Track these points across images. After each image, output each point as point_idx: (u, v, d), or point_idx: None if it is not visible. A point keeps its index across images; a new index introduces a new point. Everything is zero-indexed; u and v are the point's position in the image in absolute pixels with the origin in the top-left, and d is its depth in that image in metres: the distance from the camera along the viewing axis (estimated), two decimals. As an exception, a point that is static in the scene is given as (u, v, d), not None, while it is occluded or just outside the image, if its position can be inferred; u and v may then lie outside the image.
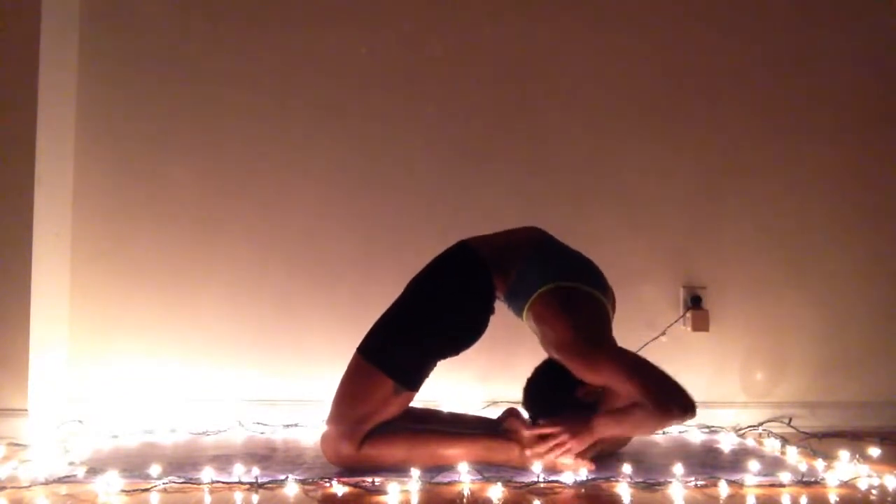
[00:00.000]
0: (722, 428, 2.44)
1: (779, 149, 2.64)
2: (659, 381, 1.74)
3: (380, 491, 1.71)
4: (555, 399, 1.90)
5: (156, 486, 1.73)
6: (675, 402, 1.71)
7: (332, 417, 1.86)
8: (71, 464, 1.89)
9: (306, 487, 1.74)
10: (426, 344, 1.90)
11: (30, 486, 1.72)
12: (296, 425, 2.38)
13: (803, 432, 2.46)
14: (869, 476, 1.88)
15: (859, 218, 2.65)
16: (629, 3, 2.63)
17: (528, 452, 1.86)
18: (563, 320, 1.84)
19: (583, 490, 1.75)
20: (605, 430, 1.82)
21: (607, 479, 1.80)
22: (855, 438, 2.38)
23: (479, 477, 1.79)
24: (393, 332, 1.91)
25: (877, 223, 2.65)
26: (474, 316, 1.94)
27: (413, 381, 1.87)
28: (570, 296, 1.89)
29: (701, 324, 2.53)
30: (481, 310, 1.95)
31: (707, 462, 2.03)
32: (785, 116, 2.65)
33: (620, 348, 1.83)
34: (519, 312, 1.96)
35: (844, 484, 1.84)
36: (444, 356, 1.93)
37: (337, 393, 1.88)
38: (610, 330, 1.92)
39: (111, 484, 1.71)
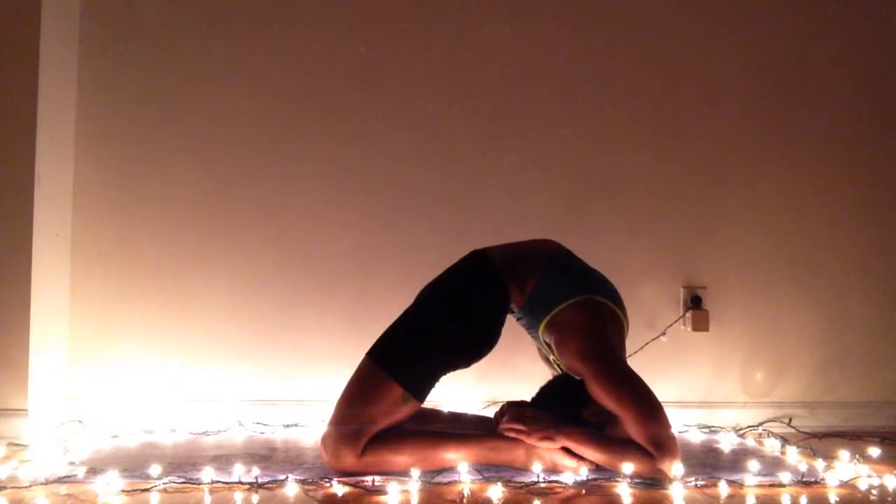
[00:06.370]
0: (722, 428, 2.45)
1: (779, 149, 2.64)
2: (666, 434, 1.74)
3: (380, 491, 1.71)
4: (560, 409, 1.89)
5: (156, 486, 1.72)
6: (669, 460, 1.73)
7: (336, 419, 1.84)
8: (71, 464, 1.89)
9: (306, 487, 1.74)
10: (440, 355, 1.89)
11: (30, 486, 1.71)
12: (296, 425, 2.38)
13: (803, 432, 2.46)
14: (869, 476, 1.88)
15: (859, 218, 2.64)
16: (630, 3, 2.63)
17: (501, 427, 1.87)
18: (593, 331, 1.85)
19: (583, 490, 1.75)
20: (573, 442, 1.81)
21: (607, 479, 1.80)
22: (855, 438, 2.38)
23: (479, 477, 1.79)
24: (408, 341, 1.90)
25: (877, 223, 2.65)
26: (490, 328, 1.93)
27: (423, 390, 1.86)
28: (601, 309, 1.90)
29: (701, 324, 2.53)
30: (497, 321, 1.95)
31: (707, 462, 2.03)
32: (785, 116, 2.64)
33: (644, 383, 1.81)
34: (535, 323, 1.94)
35: (844, 484, 1.84)
36: (456, 368, 1.93)
37: (343, 395, 1.87)
38: (625, 354, 1.93)
39: (111, 484, 1.71)
